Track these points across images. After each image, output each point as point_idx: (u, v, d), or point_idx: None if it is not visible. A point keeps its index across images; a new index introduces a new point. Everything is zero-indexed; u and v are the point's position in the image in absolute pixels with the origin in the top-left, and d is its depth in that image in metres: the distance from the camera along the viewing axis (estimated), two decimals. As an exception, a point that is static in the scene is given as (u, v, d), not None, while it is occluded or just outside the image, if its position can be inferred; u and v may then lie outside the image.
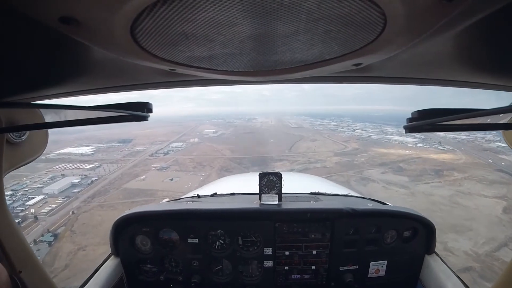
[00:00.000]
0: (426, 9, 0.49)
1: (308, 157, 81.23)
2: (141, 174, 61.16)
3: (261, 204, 2.28)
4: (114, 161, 74.03)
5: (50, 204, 42.93)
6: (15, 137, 1.27)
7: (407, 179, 54.92)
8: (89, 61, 0.94)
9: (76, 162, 70.26)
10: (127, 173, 62.16)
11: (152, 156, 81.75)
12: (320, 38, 0.65)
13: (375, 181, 53.92)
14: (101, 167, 66.51)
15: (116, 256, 2.22)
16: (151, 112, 1.15)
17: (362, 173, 61.31)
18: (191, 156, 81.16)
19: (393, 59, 0.86)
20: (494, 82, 1.15)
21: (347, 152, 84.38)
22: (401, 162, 68.29)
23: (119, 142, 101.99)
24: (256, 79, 0.99)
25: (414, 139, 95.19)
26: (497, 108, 0.78)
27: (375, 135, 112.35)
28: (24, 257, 1.32)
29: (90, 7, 0.48)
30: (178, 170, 65.93)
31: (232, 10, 0.51)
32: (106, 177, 58.76)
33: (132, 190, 49.98)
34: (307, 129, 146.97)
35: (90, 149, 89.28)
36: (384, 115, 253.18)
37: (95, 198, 47.09)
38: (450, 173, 57.36)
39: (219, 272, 2.29)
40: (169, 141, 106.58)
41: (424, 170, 61.09)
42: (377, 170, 63.04)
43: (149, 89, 1.40)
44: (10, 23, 0.59)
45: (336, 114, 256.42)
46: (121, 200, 46.24)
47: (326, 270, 2.24)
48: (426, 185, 51.08)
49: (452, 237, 30.42)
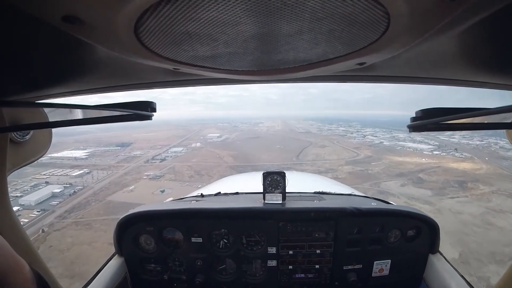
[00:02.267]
0: (429, 8, 0.49)
1: (317, 166, 75.03)
2: (131, 184, 55.53)
3: (265, 203, 2.28)
4: (106, 167, 68.64)
5: (23, 218, 37.28)
6: (19, 136, 1.30)
7: (430, 193, 48.55)
8: (92, 60, 0.95)
9: (66, 168, 65.20)
10: (116, 182, 56.65)
11: (148, 162, 76.20)
12: (323, 37, 0.65)
13: (395, 195, 47.25)
14: (90, 173, 61.22)
15: (120, 256, 2.22)
16: (155, 111, 1.17)
17: (380, 185, 54.80)
18: (189, 163, 75.39)
19: (396, 58, 0.86)
20: (497, 81, 1.16)
21: (359, 160, 77.87)
22: (420, 172, 61.63)
23: (117, 146, 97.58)
24: (260, 78, 0.99)
25: (429, 146, 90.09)
26: (501, 107, 0.78)
27: (387, 141, 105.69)
28: (29, 256, 1.36)
29: (94, 6, 0.48)
30: (172, 180, 60.11)
31: (235, 9, 0.51)
32: (92, 186, 53.29)
33: (116, 203, 44.07)
34: (315, 134, 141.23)
35: (85, 153, 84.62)
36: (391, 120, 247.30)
37: (73, 213, 41.32)
38: (475, 186, 51.00)
39: (223, 271, 2.29)
40: (170, 145, 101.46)
41: (447, 181, 54.52)
42: (396, 181, 56.51)
43: (152, 88, 1.42)
44: (13, 22, 0.59)
45: (344, 118, 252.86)
46: (100, 216, 40.40)
47: (330, 269, 2.25)
48: (451, 200, 44.80)
49: (494, 270, 24.86)
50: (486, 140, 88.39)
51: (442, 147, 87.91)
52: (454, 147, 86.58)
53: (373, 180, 58.90)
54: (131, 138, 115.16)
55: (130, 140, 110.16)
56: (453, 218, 37.84)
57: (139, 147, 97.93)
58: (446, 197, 46.34)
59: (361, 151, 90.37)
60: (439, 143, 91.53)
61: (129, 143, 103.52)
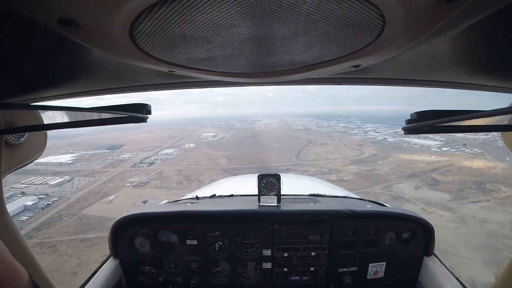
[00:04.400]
0: (424, 10, 0.50)
1: (319, 166, 69.75)
2: (112, 193, 49.70)
3: (260, 206, 2.28)
4: (89, 173, 63.11)
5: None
6: (14, 138, 1.30)
7: (448, 196, 43.49)
8: (88, 62, 0.96)
9: (48, 175, 59.57)
10: (96, 191, 50.95)
11: (135, 166, 70.65)
12: (318, 40, 0.65)
13: (410, 201, 42.26)
14: (71, 181, 55.66)
15: (115, 258, 2.22)
16: (150, 113, 1.18)
17: (391, 188, 49.42)
18: (179, 166, 69.71)
19: (391, 60, 0.86)
20: (492, 84, 1.18)
21: (364, 159, 72.73)
22: (433, 171, 56.62)
23: (107, 149, 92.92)
24: (255, 80, 1.00)
25: (436, 142, 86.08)
26: (496, 110, 0.78)
27: (391, 137, 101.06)
28: (25, 261, 1.34)
29: (89, 8, 0.48)
30: (157, 187, 54.20)
31: (230, 12, 0.51)
32: (69, 196, 47.75)
33: (91, 218, 38.53)
34: (314, 131, 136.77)
35: (71, 158, 79.23)
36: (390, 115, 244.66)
37: (40, 231, 35.87)
38: (496, 187, 46.39)
39: (218, 273, 2.30)
40: (161, 147, 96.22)
41: (464, 182, 49.61)
42: (408, 183, 51.25)
43: (148, 91, 1.43)
44: (8, 25, 0.60)
45: (342, 115, 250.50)
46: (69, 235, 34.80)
47: (325, 271, 2.25)
48: (473, 206, 39.90)
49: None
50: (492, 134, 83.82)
51: (449, 143, 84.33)
52: (461, 142, 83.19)
53: (383, 182, 53.51)
54: (123, 140, 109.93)
55: (122, 142, 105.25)
56: (480, 229, 33.18)
57: (130, 149, 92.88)
58: (466, 202, 41.53)
59: (365, 149, 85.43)
60: (446, 138, 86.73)
61: (120, 145, 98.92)
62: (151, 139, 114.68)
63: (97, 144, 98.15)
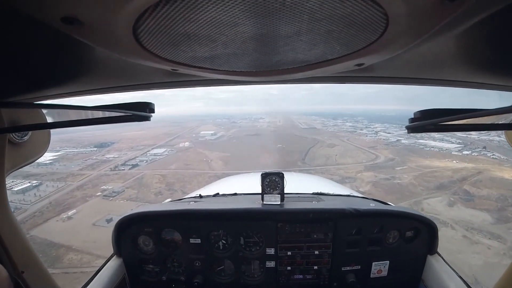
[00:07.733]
0: (428, 9, 0.49)
1: (330, 173, 60.40)
2: (75, 205, 40.98)
3: (263, 204, 2.29)
4: (63, 177, 55.00)
5: None
6: (18, 137, 1.33)
7: (490, 218, 34.71)
8: (91, 61, 0.96)
9: (19, 177, 51.44)
10: (59, 202, 42.35)
11: (115, 169, 61.86)
12: (322, 38, 0.65)
13: (447, 224, 33.14)
14: (38, 187, 47.51)
15: (119, 256, 2.23)
16: (153, 112, 1.18)
17: (422, 206, 40.00)
18: (165, 170, 60.84)
19: (395, 59, 0.86)
20: (496, 82, 1.17)
21: (380, 165, 63.46)
22: (462, 181, 47.43)
23: (96, 147, 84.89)
24: (259, 79, 1.00)
25: (454, 144, 77.15)
26: (500, 108, 0.77)
27: (405, 139, 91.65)
28: (26, 257, 1.37)
29: (92, 7, 0.48)
30: (130, 199, 44.52)
31: (234, 10, 0.50)
32: (27, 207, 39.58)
33: (38, 242, 29.74)
34: (320, 130, 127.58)
35: (52, 157, 70.93)
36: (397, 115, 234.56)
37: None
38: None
39: (221, 272, 2.30)
40: (153, 145, 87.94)
41: (503, 198, 40.59)
42: (439, 198, 42.08)
43: (151, 89, 1.44)
44: (13, 23, 0.60)
45: (348, 113, 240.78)
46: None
47: (329, 270, 2.26)
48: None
49: None
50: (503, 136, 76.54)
51: (468, 146, 75.35)
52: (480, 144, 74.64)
53: (409, 196, 44.13)
54: (117, 137, 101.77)
55: (114, 139, 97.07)
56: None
57: (119, 148, 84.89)
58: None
59: (378, 152, 76.13)
60: (463, 140, 78.46)
61: (110, 143, 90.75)
62: (147, 136, 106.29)
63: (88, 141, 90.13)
